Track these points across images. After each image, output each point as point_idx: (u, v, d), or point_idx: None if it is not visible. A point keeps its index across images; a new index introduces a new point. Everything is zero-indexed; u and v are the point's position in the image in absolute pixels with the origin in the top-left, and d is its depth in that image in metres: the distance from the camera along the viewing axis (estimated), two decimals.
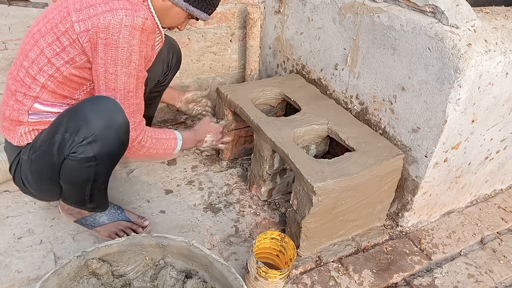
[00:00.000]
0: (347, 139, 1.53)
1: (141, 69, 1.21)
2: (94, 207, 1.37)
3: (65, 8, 1.16)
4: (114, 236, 1.40)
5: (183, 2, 1.24)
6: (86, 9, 1.13)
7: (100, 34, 1.11)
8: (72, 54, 1.17)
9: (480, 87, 1.32)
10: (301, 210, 1.38)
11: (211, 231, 1.56)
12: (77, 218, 1.43)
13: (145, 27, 1.15)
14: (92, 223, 1.43)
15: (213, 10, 1.33)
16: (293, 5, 1.96)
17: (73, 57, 1.17)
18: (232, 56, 2.32)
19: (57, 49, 1.17)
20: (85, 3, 1.14)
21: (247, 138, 1.94)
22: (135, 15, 1.12)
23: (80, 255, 1.11)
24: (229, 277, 1.10)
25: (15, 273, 1.32)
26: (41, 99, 1.22)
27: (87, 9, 1.13)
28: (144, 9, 1.17)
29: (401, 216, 1.63)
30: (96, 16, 1.12)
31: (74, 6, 1.15)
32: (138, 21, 1.13)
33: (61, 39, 1.15)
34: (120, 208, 1.48)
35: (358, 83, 1.67)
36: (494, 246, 1.62)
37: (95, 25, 1.11)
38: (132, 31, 1.12)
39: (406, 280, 1.45)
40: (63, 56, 1.17)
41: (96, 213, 1.42)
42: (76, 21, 1.13)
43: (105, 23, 1.10)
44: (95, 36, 1.12)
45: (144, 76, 1.26)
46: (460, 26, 1.29)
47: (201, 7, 1.28)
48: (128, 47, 1.14)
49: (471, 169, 1.65)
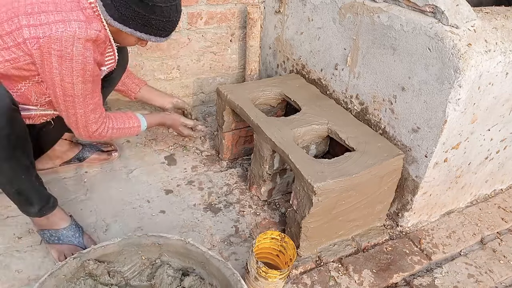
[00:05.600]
0: (347, 139, 1.53)
1: (95, 73, 1.25)
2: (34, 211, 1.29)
3: (14, 9, 1.13)
4: (63, 259, 1.32)
5: (128, 29, 1.24)
6: (38, 14, 1.11)
7: (53, 45, 1.11)
8: (16, 54, 1.14)
9: (480, 87, 1.32)
10: (301, 210, 1.38)
11: (211, 231, 1.56)
12: (38, 229, 1.37)
13: (98, 39, 1.18)
14: (48, 238, 1.36)
15: (167, 33, 1.31)
16: (293, 5, 1.96)
17: (17, 57, 1.15)
18: (232, 56, 2.32)
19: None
20: (36, 8, 1.12)
21: (247, 138, 1.94)
22: (89, 27, 1.14)
23: (77, 257, 1.11)
24: (226, 273, 1.10)
25: (15, 273, 1.32)
26: None
27: (38, 14, 1.11)
28: (98, 22, 1.18)
29: (401, 216, 1.63)
30: (48, 24, 1.11)
31: (25, 9, 1.12)
32: (92, 34, 1.15)
33: (5, 39, 1.13)
34: (80, 231, 1.40)
35: (358, 83, 1.67)
36: (494, 246, 1.62)
37: (46, 34, 1.10)
38: (85, 43, 1.15)
39: (406, 280, 1.45)
40: (4, 54, 1.14)
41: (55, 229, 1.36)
42: (26, 26, 1.11)
43: (58, 34, 1.10)
44: (47, 46, 1.12)
45: (99, 75, 1.31)
46: (460, 26, 1.29)
47: (149, 32, 1.27)
48: (82, 59, 1.16)
49: (471, 169, 1.65)
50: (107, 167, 1.83)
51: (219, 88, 1.82)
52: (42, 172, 1.66)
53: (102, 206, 1.62)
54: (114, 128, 1.45)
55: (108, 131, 1.43)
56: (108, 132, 1.43)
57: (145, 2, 1.18)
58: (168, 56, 2.12)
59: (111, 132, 1.44)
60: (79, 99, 1.24)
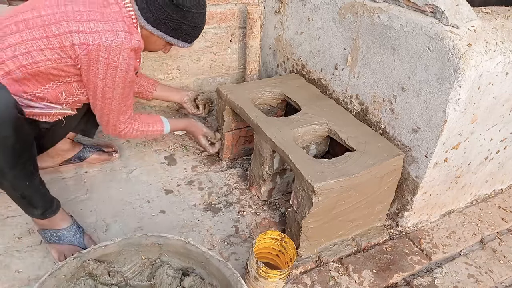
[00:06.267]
0: (347, 139, 1.53)
1: (133, 78, 1.35)
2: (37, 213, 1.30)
3: (62, 13, 1.19)
4: (63, 259, 1.33)
5: (159, 32, 1.34)
6: (87, 22, 1.19)
7: (102, 53, 1.21)
8: (59, 55, 1.21)
9: (480, 87, 1.32)
10: (301, 210, 1.38)
11: (211, 231, 1.56)
12: (39, 228, 1.38)
13: (138, 49, 1.28)
14: (49, 238, 1.36)
15: (193, 39, 1.42)
16: (293, 5, 1.96)
17: (60, 58, 1.21)
18: (232, 56, 2.32)
19: (42, 46, 1.19)
20: (85, 15, 1.20)
21: (247, 138, 1.94)
22: (132, 38, 1.24)
23: (77, 257, 1.11)
24: (226, 273, 1.10)
25: (15, 273, 1.32)
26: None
27: (87, 22, 1.19)
28: (137, 32, 1.29)
29: (401, 216, 1.63)
30: (97, 33, 1.19)
31: (74, 15, 1.19)
32: (135, 44, 1.25)
33: (51, 40, 1.18)
34: (81, 231, 1.40)
35: (358, 83, 1.67)
36: (494, 246, 1.62)
37: (96, 42, 1.19)
38: (129, 53, 1.25)
39: (406, 280, 1.45)
40: (47, 53, 1.19)
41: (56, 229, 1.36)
42: (76, 32, 1.18)
43: (107, 43, 1.20)
44: (95, 53, 1.20)
45: (134, 80, 1.42)
46: (460, 26, 1.29)
47: (178, 37, 1.38)
48: (126, 67, 1.27)
49: (471, 169, 1.65)
50: (107, 167, 1.83)
51: (219, 88, 1.82)
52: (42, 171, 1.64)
53: (102, 206, 1.62)
54: (139, 130, 1.54)
55: (133, 132, 1.52)
56: (133, 133, 1.53)
57: (180, 7, 1.28)
58: (168, 56, 2.12)
59: (135, 133, 1.54)
60: (116, 101, 1.35)
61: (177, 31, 1.35)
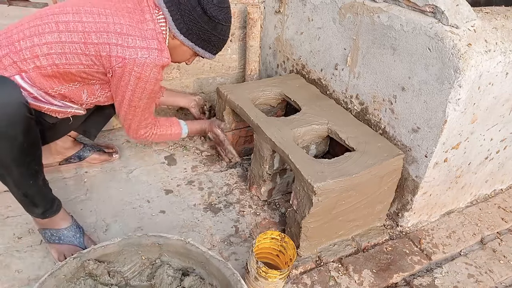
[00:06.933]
0: (347, 139, 1.53)
1: (157, 90, 1.41)
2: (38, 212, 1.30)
3: (104, 23, 1.24)
4: (63, 259, 1.33)
5: (190, 42, 1.38)
6: (126, 36, 1.25)
7: (136, 67, 1.27)
8: (93, 62, 1.26)
9: (480, 87, 1.32)
10: (301, 210, 1.38)
11: (211, 231, 1.56)
12: (39, 227, 1.39)
13: (166, 65, 1.34)
14: (49, 238, 1.36)
15: (217, 51, 1.48)
16: (293, 5, 1.96)
17: (93, 65, 1.26)
18: (232, 56, 2.31)
19: (79, 50, 1.23)
20: (125, 29, 1.25)
21: (247, 138, 1.94)
22: (163, 55, 1.30)
23: (77, 257, 1.11)
24: (226, 273, 1.10)
25: (15, 273, 1.32)
26: (26, 75, 1.21)
27: (126, 36, 1.25)
28: (167, 49, 1.34)
29: (401, 216, 1.63)
30: (134, 48, 1.25)
31: (115, 28, 1.24)
32: (165, 61, 1.31)
33: (89, 47, 1.23)
34: (81, 231, 1.41)
35: (358, 83, 1.67)
36: (494, 246, 1.62)
37: (132, 57, 1.25)
38: (159, 70, 1.32)
39: (406, 280, 1.45)
40: (82, 58, 1.24)
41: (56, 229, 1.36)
42: (115, 44, 1.24)
43: (142, 60, 1.26)
44: (129, 67, 1.26)
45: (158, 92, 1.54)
46: (460, 26, 1.29)
47: (206, 48, 1.43)
48: (154, 82, 1.34)
49: (471, 169, 1.65)
50: (107, 167, 1.83)
51: (219, 88, 1.82)
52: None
53: (102, 206, 1.62)
54: (157, 134, 1.61)
55: (152, 136, 1.59)
56: (152, 137, 1.60)
57: (212, 19, 1.34)
58: None
59: (154, 137, 1.61)
60: (140, 109, 1.42)
61: (206, 42, 1.40)
